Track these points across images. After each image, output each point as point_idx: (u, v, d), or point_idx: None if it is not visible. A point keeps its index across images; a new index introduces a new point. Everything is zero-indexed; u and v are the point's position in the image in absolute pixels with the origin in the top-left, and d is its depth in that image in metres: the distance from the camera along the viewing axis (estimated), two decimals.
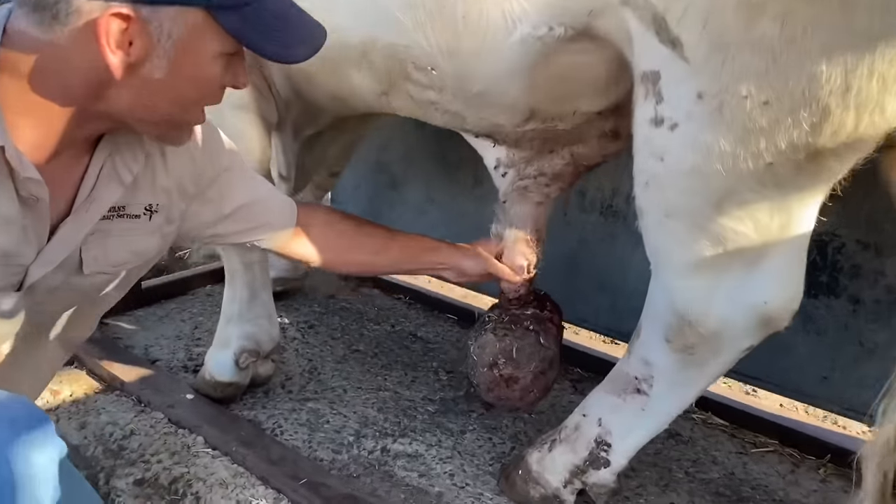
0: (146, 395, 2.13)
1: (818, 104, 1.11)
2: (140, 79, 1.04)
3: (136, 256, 1.32)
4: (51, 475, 0.99)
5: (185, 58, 1.05)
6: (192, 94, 1.11)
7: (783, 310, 1.37)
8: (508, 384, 1.83)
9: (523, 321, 1.83)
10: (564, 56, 1.39)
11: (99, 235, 1.23)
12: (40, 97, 1.04)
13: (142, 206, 1.28)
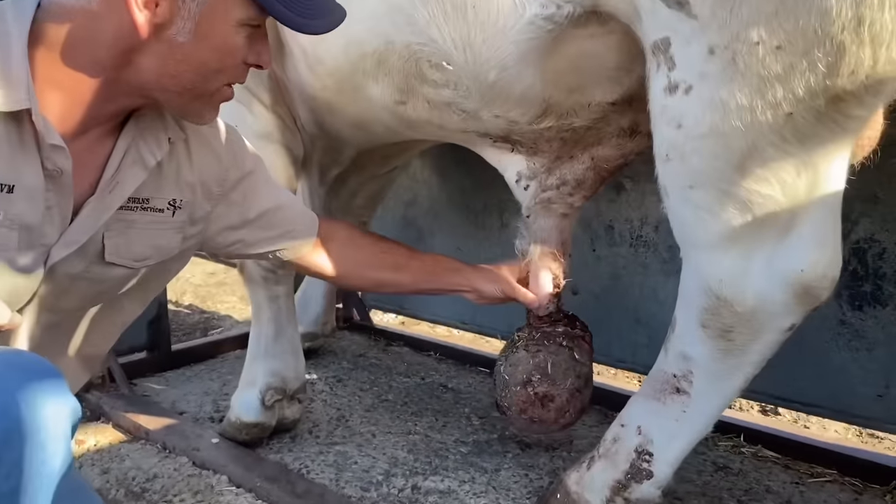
0: (171, 441, 2.08)
1: (832, 42, 1.09)
2: (165, 42, 1.08)
3: (157, 252, 1.32)
4: (62, 431, 0.95)
5: (208, 22, 1.09)
6: (215, 62, 1.14)
7: (822, 277, 1.30)
8: (543, 403, 1.74)
9: (555, 337, 1.77)
10: (574, 43, 1.41)
11: (122, 225, 1.24)
12: (70, 68, 1.08)
13: (165, 201, 1.29)
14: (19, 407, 0.89)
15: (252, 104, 1.92)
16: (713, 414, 1.50)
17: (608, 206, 2.34)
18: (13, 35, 1.04)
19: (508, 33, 1.40)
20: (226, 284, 4.52)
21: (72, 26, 1.06)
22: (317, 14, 1.15)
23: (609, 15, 1.34)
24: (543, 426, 1.79)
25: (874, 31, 1.08)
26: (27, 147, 1.07)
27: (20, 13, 1.06)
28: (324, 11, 1.17)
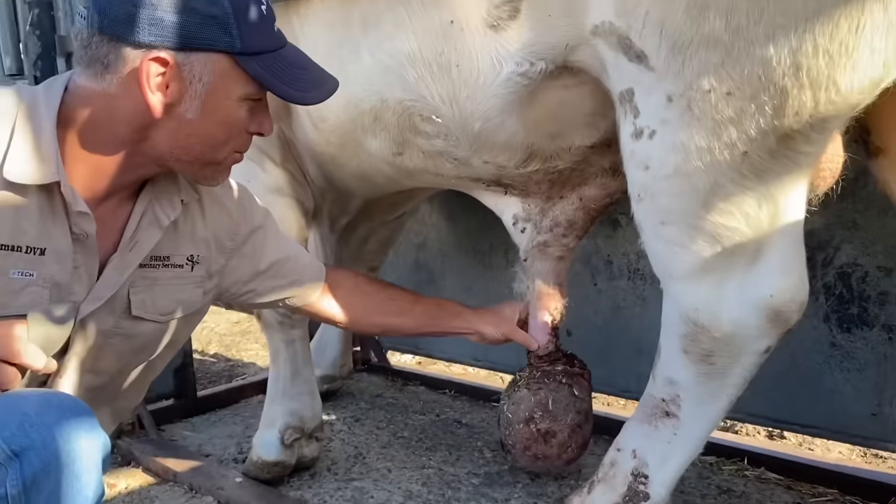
0: (197, 482, 2.19)
1: (776, 87, 1.21)
2: (176, 119, 1.22)
3: (181, 306, 1.44)
4: (94, 463, 1.07)
5: (213, 100, 1.22)
6: (221, 134, 1.27)
7: (790, 301, 1.39)
8: (546, 439, 1.82)
9: (555, 375, 1.86)
10: (550, 93, 1.54)
11: (147, 282, 1.37)
12: (93, 144, 1.22)
13: (184, 257, 1.42)
14: (56, 441, 1.02)
15: (263, 161, 2.07)
16: (703, 435, 1.58)
17: (606, 242, 2.44)
18: (44, 117, 1.18)
19: (489, 89, 1.53)
20: (249, 333, 4.64)
21: (94, 108, 1.20)
22: (310, 87, 1.29)
23: (579, 69, 1.47)
24: (547, 462, 1.87)
25: (812, 76, 1.19)
26: (57, 214, 1.21)
27: (50, 97, 1.21)
28: (317, 83, 1.31)
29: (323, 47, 1.76)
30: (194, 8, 1.15)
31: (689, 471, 2.13)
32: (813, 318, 2.00)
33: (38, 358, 1.10)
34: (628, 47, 1.33)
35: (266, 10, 1.24)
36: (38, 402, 1.06)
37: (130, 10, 1.13)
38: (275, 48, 1.25)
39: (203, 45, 1.17)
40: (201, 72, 1.19)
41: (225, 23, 1.17)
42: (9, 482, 0.99)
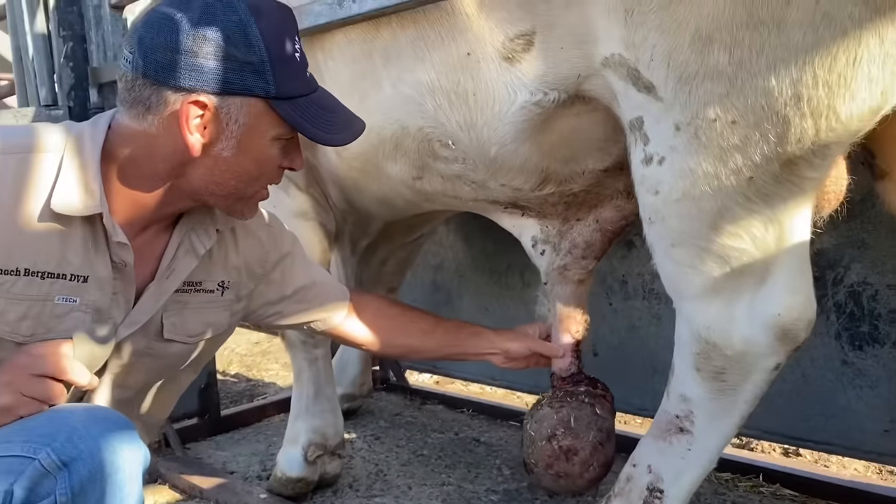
0: (223, 499, 2.25)
1: (778, 116, 1.26)
2: (212, 157, 1.29)
3: (209, 328, 1.51)
4: (136, 474, 1.14)
5: (248, 140, 1.29)
6: (254, 171, 1.34)
7: (797, 319, 1.44)
8: (568, 457, 1.86)
9: (578, 395, 1.90)
10: (563, 120, 1.61)
11: (178, 306, 1.44)
12: (134, 180, 1.30)
13: (215, 283, 1.49)
14: (102, 452, 1.09)
15: (289, 187, 2.15)
16: (716, 450, 1.62)
17: (620, 262, 2.49)
18: (90, 152, 1.26)
19: (504, 116, 1.60)
20: (269, 353, 4.72)
21: (135, 146, 1.28)
22: (339, 129, 1.35)
23: (591, 97, 1.54)
24: (570, 480, 1.89)
25: (812, 106, 1.25)
26: (99, 244, 1.29)
27: (96, 133, 1.29)
28: (345, 126, 1.38)
29: (346, 80, 1.85)
30: (233, 55, 1.22)
31: (704, 487, 2.19)
32: (824, 336, 2.04)
33: (83, 375, 1.18)
34: (637, 78, 1.39)
35: (300, 57, 1.32)
36: (85, 415, 1.13)
37: (172, 56, 1.21)
38: (307, 92, 1.32)
39: (240, 91, 1.24)
40: (237, 114, 1.26)
41: (261, 69, 1.24)
42: (58, 491, 1.06)
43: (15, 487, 1.05)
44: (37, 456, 1.06)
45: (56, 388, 1.16)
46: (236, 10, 1.23)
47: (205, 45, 1.21)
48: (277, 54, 1.26)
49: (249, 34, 1.22)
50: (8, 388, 1.14)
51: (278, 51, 1.26)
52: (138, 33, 1.23)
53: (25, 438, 1.09)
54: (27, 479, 1.06)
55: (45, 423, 1.12)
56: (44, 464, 1.06)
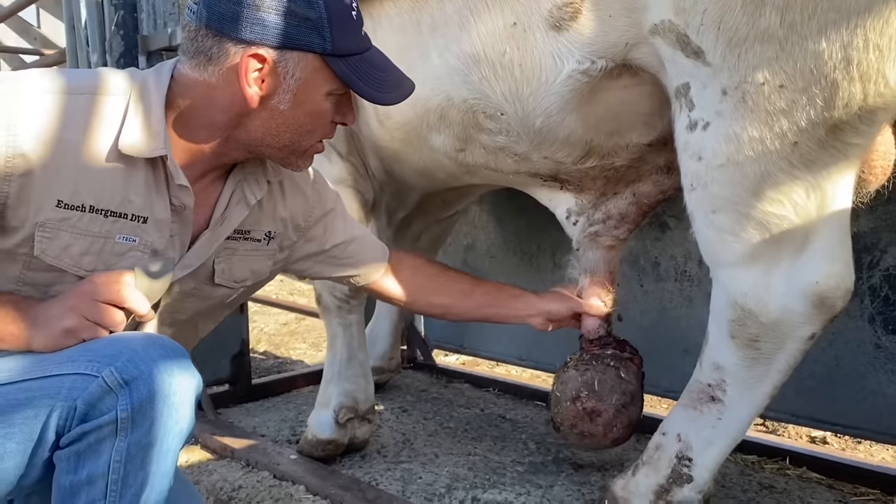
0: (254, 458, 2.30)
1: (826, 80, 1.28)
2: (269, 110, 1.33)
3: (254, 275, 1.56)
4: (190, 398, 1.19)
5: (304, 94, 1.32)
6: (308, 124, 1.38)
7: (835, 288, 1.45)
8: (591, 418, 1.90)
9: (604, 358, 1.93)
10: (610, 93, 1.63)
11: (227, 252, 1.49)
12: (193, 129, 1.34)
13: (263, 232, 1.54)
14: (161, 374, 1.14)
15: (330, 154, 2.19)
16: (747, 420, 1.63)
17: (654, 244, 2.51)
18: (154, 98, 1.30)
19: (550, 86, 1.62)
20: (297, 333, 4.78)
21: (195, 95, 1.32)
22: (390, 88, 1.38)
23: (638, 67, 1.56)
24: (594, 440, 1.94)
25: (862, 70, 1.26)
26: (160, 186, 1.33)
27: (160, 81, 1.33)
28: (396, 85, 1.40)
29: (393, 49, 1.87)
30: (293, 11, 1.25)
31: (731, 468, 2.20)
32: (858, 319, 2.05)
33: (142, 305, 1.23)
34: (686, 44, 1.41)
35: (356, 16, 1.35)
36: (145, 340, 1.18)
37: (236, 8, 1.24)
38: (361, 51, 1.35)
39: (298, 46, 1.27)
40: (294, 68, 1.29)
41: (319, 26, 1.27)
42: (119, 407, 1.11)
43: (78, 403, 1.11)
44: (100, 374, 1.12)
45: (117, 314, 1.21)
46: None
47: (266, 0, 1.24)
48: (336, 11, 1.29)
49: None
50: (72, 312, 1.19)
51: (337, 7, 1.29)
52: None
53: (89, 358, 1.14)
54: (90, 395, 1.11)
55: (108, 345, 1.17)
56: (107, 381, 1.11)
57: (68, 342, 1.19)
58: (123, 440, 1.12)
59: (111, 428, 1.12)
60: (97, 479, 1.13)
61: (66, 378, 1.13)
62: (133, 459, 1.14)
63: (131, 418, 1.11)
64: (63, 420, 1.12)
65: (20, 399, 1.14)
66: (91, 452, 1.13)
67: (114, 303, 1.21)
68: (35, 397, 1.13)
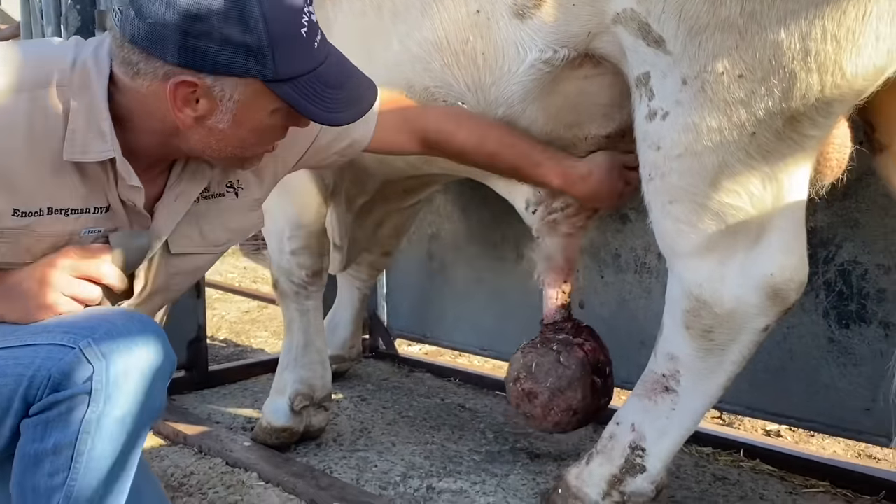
0: (207, 445, 2.26)
1: (785, 70, 1.28)
2: (206, 128, 1.23)
3: (236, 233, 1.51)
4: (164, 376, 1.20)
5: (245, 114, 1.21)
6: (253, 139, 1.28)
7: (789, 280, 1.46)
8: (529, 399, 1.91)
9: (550, 342, 1.94)
10: (571, 83, 1.62)
11: (189, 219, 1.40)
12: (132, 128, 1.25)
13: (223, 184, 1.44)
14: (138, 349, 1.13)
15: None
16: (700, 411, 1.64)
17: (614, 236, 2.51)
18: (97, 92, 1.19)
19: (513, 76, 1.61)
20: (259, 321, 4.71)
21: (129, 99, 1.21)
22: (342, 107, 1.27)
23: (601, 56, 1.55)
24: (535, 422, 1.95)
25: (819, 61, 1.26)
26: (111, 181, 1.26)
27: (100, 72, 1.20)
28: (350, 103, 1.29)
29: (355, 34, 1.85)
30: (228, 37, 1.13)
31: (685, 459, 2.22)
32: (812, 313, 2.07)
33: (119, 280, 1.23)
34: (647, 32, 1.40)
35: (308, 31, 1.21)
36: (123, 315, 1.18)
37: (163, 30, 1.12)
38: (311, 69, 1.22)
39: (234, 73, 1.16)
40: (232, 92, 1.18)
41: (259, 53, 1.15)
42: (94, 379, 1.10)
43: (53, 372, 1.10)
44: (77, 345, 1.10)
45: (93, 290, 1.21)
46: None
47: (198, 24, 1.11)
48: (279, 34, 1.16)
49: (248, 14, 1.12)
50: (48, 287, 1.18)
51: (281, 30, 1.16)
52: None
53: (66, 329, 1.13)
54: (65, 365, 1.10)
55: (86, 318, 1.16)
56: (84, 352, 1.10)
57: (44, 317, 1.17)
58: (94, 411, 1.11)
59: (84, 398, 1.11)
60: (63, 449, 1.12)
61: (42, 348, 1.12)
62: (101, 431, 1.13)
63: (104, 390, 1.10)
64: (35, 389, 1.11)
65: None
66: (60, 422, 1.11)
67: (90, 279, 1.20)
68: (7, 366, 1.12)
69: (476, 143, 1.66)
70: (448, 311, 3.13)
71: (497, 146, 1.66)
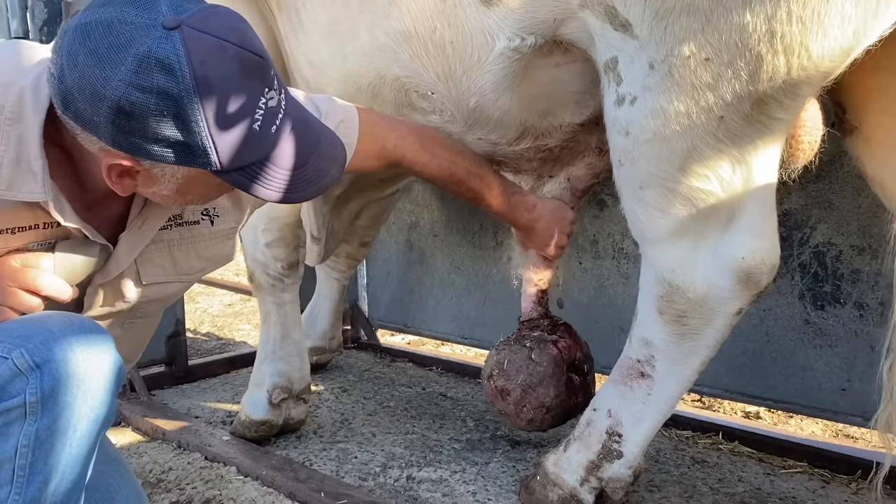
0: (185, 440, 2.24)
1: (751, 53, 1.28)
2: (149, 193, 1.16)
3: (210, 262, 1.45)
4: (109, 384, 1.12)
5: (190, 185, 1.15)
6: (202, 198, 1.23)
7: (761, 264, 1.46)
8: (502, 396, 1.91)
9: (524, 340, 1.94)
10: (542, 71, 1.61)
11: (161, 246, 1.35)
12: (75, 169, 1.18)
13: (197, 212, 1.39)
14: (76, 357, 1.08)
15: None
16: (676, 395, 1.64)
17: (592, 222, 2.50)
18: (30, 125, 1.10)
19: (483, 65, 1.59)
20: (242, 314, 4.69)
21: (73, 146, 1.14)
22: (301, 186, 1.17)
23: (569, 43, 1.54)
24: (510, 419, 1.95)
25: (785, 43, 1.26)
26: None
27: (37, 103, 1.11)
28: (310, 181, 1.18)
29: (324, 23, 1.82)
30: (164, 136, 1.02)
31: (664, 443, 2.22)
32: (788, 295, 2.08)
33: (62, 290, 1.17)
34: (614, 16, 1.39)
35: (262, 124, 1.07)
36: (62, 321, 1.12)
37: (93, 118, 1.02)
38: (264, 156, 1.11)
39: (173, 163, 1.07)
40: (174, 172, 1.11)
41: (201, 150, 1.04)
42: (28, 391, 1.05)
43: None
44: (10, 356, 1.05)
45: (32, 300, 1.15)
46: (177, 79, 0.99)
47: (130, 121, 1.01)
48: (224, 134, 1.04)
49: (187, 116, 1.01)
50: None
51: (226, 130, 1.04)
52: (63, 55, 1.02)
53: (1, 339, 1.08)
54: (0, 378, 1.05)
55: (21, 325, 1.11)
56: (16, 363, 1.05)
57: None
58: (32, 425, 1.06)
59: (20, 412, 1.06)
60: (4, 463, 1.07)
61: None
62: (42, 445, 1.08)
63: (41, 402, 1.05)
64: None
65: None
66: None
67: (29, 290, 1.14)
68: None
69: (447, 173, 1.67)
70: (428, 301, 3.13)
71: (465, 175, 1.69)
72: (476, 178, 1.70)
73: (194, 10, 1.03)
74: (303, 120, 1.18)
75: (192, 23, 1.00)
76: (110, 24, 0.99)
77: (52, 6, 2.52)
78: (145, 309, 1.43)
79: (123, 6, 1.01)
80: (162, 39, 0.99)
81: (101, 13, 1.01)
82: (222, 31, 1.03)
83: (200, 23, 1.01)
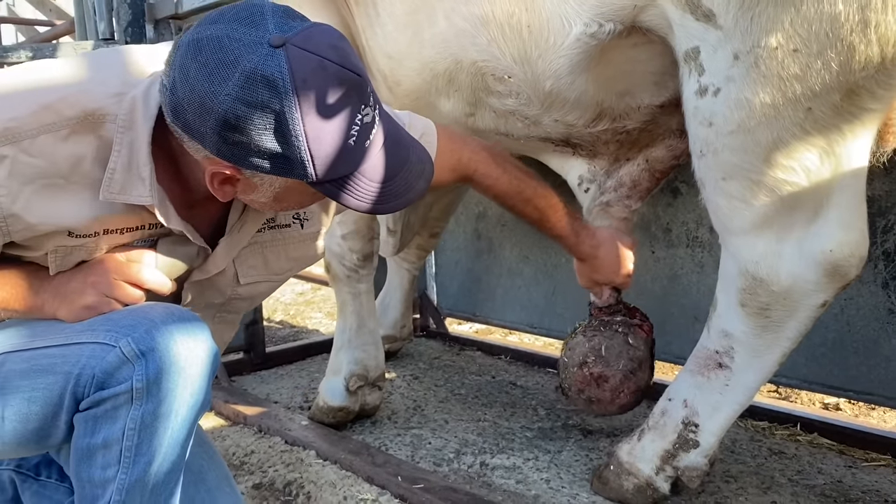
0: (266, 424, 2.33)
1: (842, 43, 1.25)
2: (248, 199, 1.21)
3: (297, 262, 1.50)
4: (206, 372, 1.20)
5: (287, 195, 1.19)
6: (296, 206, 1.27)
7: (850, 256, 1.43)
8: (598, 383, 1.91)
9: (612, 325, 1.94)
10: (620, 51, 1.60)
11: (256, 248, 1.41)
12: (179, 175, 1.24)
13: (289, 216, 1.44)
14: (177, 346, 1.15)
15: None
16: (754, 387, 1.63)
17: (665, 210, 2.48)
18: (140, 132, 1.16)
19: (559, 49, 1.59)
20: (313, 303, 4.80)
21: (178, 150, 1.19)
22: (388, 199, 1.19)
23: (647, 29, 1.53)
24: (601, 406, 1.95)
25: (880, 32, 1.23)
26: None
27: (147, 113, 1.16)
28: (397, 194, 1.20)
29: (400, 13, 1.85)
30: (266, 148, 1.06)
31: (741, 434, 2.20)
32: (871, 284, 2.02)
33: (163, 284, 1.24)
34: (695, 6, 1.38)
35: (356, 140, 1.11)
36: (164, 312, 1.19)
37: (200, 128, 1.07)
38: (355, 169, 1.14)
39: (272, 174, 1.11)
40: (272, 181, 1.15)
41: (299, 162, 1.08)
42: (135, 377, 1.13)
43: (96, 371, 1.13)
44: (118, 344, 1.13)
45: (135, 293, 1.23)
46: (280, 96, 1.03)
47: (235, 133, 1.05)
48: (321, 149, 1.08)
49: (289, 130, 1.05)
50: (92, 289, 1.21)
51: (323, 145, 1.08)
52: (176, 67, 1.07)
53: (108, 328, 1.16)
54: (108, 365, 1.13)
55: (127, 315, 1.19)
56: (124, 351, 1.13)
57: (88, 316, 1.21)
58: (138, 409, 1.14)
59: (126, 397, 1.14)
60: (112, 444, 1.16)
61: (86, 346, 1.15)
62: (146, 428, 1.16)
63: (146, 388, 1.13)
64: (82, 387, 1.15)
65: (43, 365, 1.17)
66: (107, 418, 1.15)
67: (133, 282, 1.22)
68: (56, 364, 1.16)
69: (516, 189, 1.69)
70: (497, 290, 3.15)
71: (532, 194, 1.70)
72: (543, 198, 1.72)
73: (299, 28, 1.07)
74: (394, 135, 1.22)
75: (296, 41, 1.05)
76: (221, 41, 1.04)
77: (136, 7, 2.62)
78: (236, 305, 1.50)
79: (234, 23, 1.06)
80: (268, 57, 1.03)
81: (213, 30, 1.06)
82: (324, 49, 1.07)
83: (304, 41, 1.05)
